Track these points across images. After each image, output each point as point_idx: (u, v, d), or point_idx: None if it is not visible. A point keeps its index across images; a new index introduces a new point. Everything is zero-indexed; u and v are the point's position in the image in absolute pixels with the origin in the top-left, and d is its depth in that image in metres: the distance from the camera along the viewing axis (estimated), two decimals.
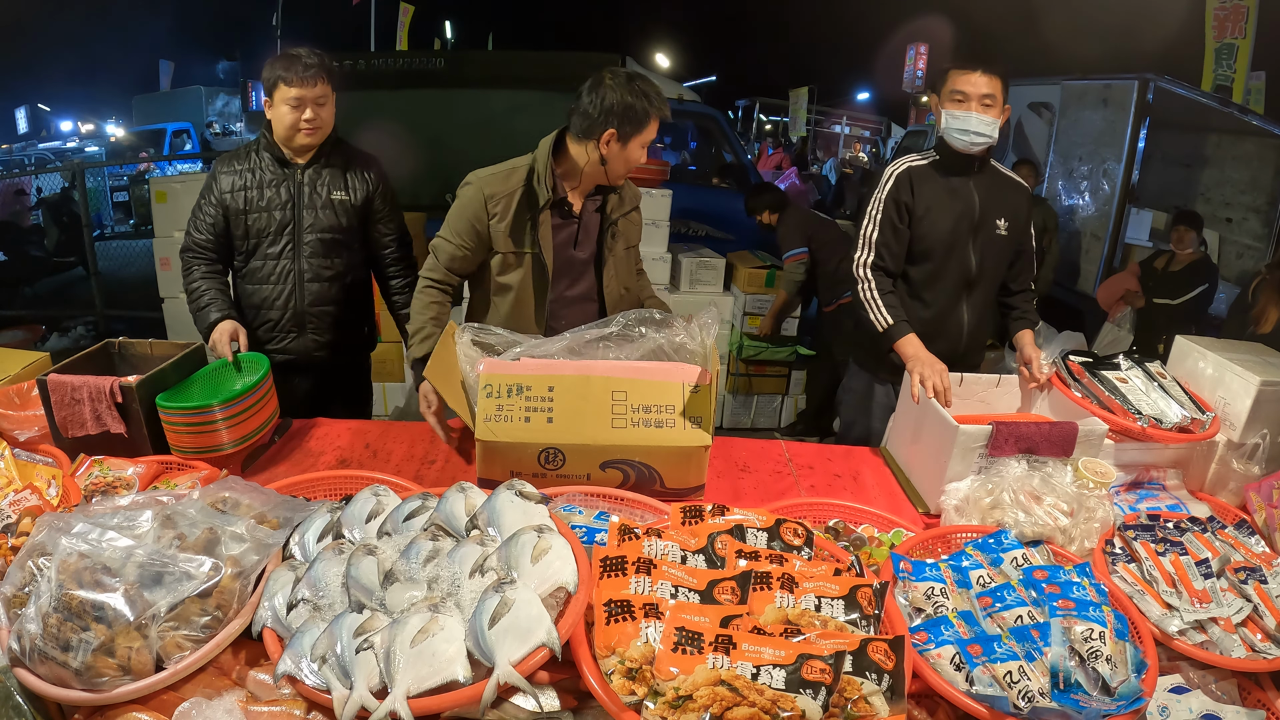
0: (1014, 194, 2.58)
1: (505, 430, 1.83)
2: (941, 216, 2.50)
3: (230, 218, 2.51)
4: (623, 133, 2.18)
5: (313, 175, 2.54)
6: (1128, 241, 6.41)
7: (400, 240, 2.74)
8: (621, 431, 1.85)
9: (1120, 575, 1.68)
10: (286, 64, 2.40)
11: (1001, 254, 2.57)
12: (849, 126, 22.41)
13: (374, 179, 2.63)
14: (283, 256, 2.56)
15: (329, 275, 2.61)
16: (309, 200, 2.53)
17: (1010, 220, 2.54)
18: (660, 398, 1.87)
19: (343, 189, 2.57)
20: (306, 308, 2.61)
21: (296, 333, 2.63)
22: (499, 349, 2.06)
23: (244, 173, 2.51)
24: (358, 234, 2.64)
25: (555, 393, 1.87)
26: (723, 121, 7.90)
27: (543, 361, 1.94)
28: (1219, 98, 7.02)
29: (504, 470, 1.88)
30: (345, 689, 1.21)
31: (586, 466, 1.87)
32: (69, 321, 6.86)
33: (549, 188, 2.25)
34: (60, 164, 12.42)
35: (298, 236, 2.54)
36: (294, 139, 2.48)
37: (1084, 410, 2.11)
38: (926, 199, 2.51)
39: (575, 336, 2.01)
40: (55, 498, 1.70)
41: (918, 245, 2.55)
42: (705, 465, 1.92)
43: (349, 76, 6.06)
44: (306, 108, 2.44)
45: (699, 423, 1.87)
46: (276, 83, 2.41)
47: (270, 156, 2.53)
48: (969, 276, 2.56)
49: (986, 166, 2.54)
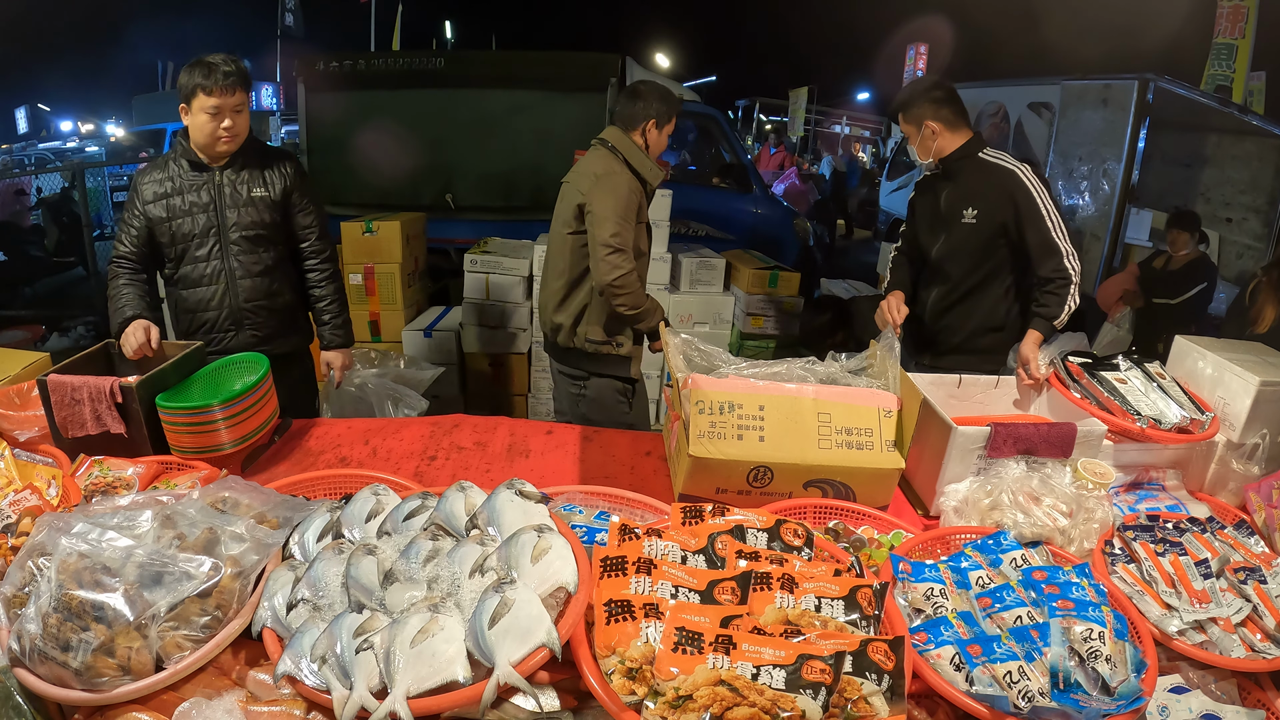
0: (992, 180, 2.69)
1: (719, 448, 1.88)
2: (921, 217, 2.98)
3: (155, 226, 2.55)
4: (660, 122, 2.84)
5: (231, 175, 2.58)
6: (1127, 241, 6.41)
7: (320, 232, 2.79)
8: (827, 452, 1.92)
9: (1120, 576, 1.68)
10: (205, 72, 2.39)
11: (968, 243, 2.79)
12: (849, 126, 22.41)
13: (290, 173, 2.68)
14: (212, 258, 2.60)
15: (259, 270, 2.66)
16: (230, 200, 2.58)
17: (980, 208, 2.72)
18: (860, 420, 1.95)
19: (262, 185, 2.61)
20: (242, 304, 2.66)
21: (235, 330, 2.69)
22: (699, 362, 2.12)
23: (164, 181, 2.55)
24: (281, 228, 2.70)
25: (766, 412, 1.93)
26: (723, 121, 7.89)
27: (747, 381, 1.99)
28: (1219, 98, 7.03)
29: (710, 486, 1.93)
30: (345, 689, 1.21)
31: (791, 484, 1.93)
32: (69, 321, 6.85)
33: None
34: (60, 164, 12.41)
35: (224, 236, 2.59)
36: (214, 147, 2.51)
37: (1083, 411, 2.11)
38: (917, 203, 3.02)
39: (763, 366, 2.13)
40: (55, 498, 1.70)
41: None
42: (894, 486, 2.01)
43: (350, 77, 6.10)
44: (225, 116, 2.45)
45: (894, 446, 1.95)
46: (195, 91, 2.41)
47: (188, 163, 2.55)
48: (932, 267, 2.94)
49: (967, 161, 2.76)
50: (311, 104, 6.18)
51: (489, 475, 2.14)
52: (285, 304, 2.76)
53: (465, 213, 6.05)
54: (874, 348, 2.13)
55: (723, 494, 1.93)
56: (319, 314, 2.81)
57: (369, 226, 4.68)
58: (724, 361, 2.10)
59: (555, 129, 5.84)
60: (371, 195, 5.91)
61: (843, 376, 2.08)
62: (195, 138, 2.50)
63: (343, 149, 6.01)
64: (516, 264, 4.62)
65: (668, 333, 2.17)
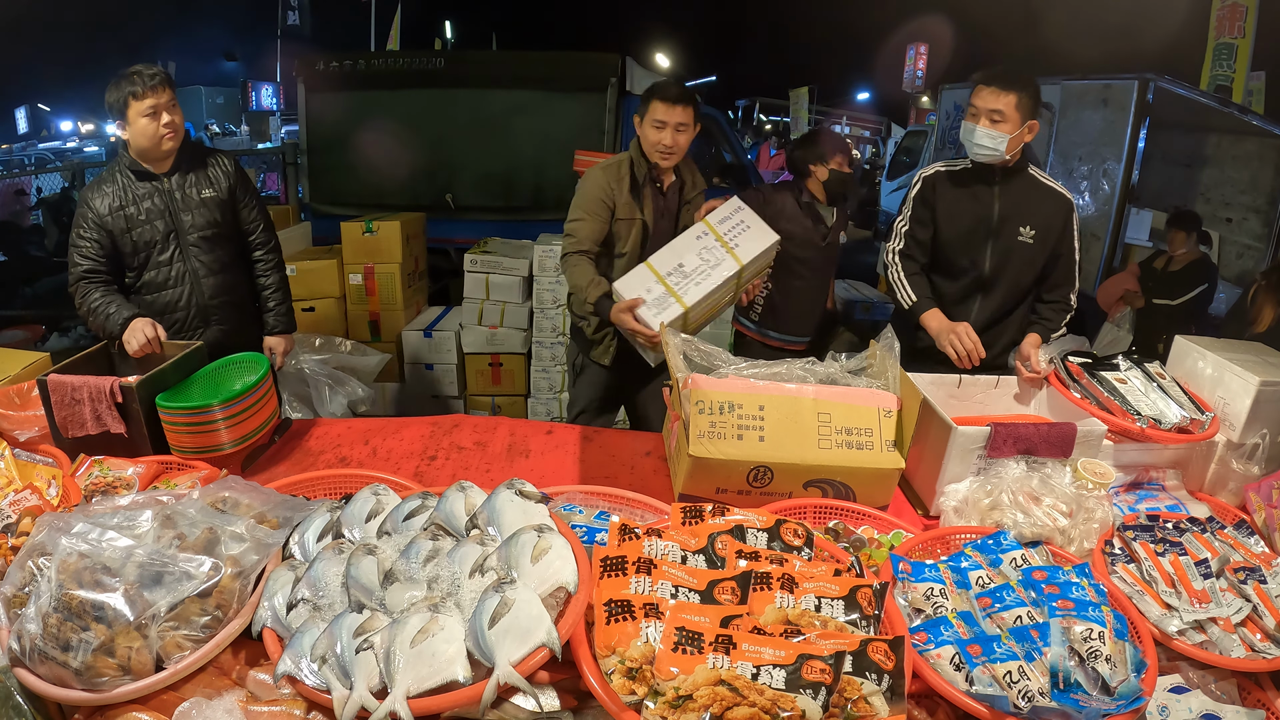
0: (1049, 203, 2.62)
1: (719, 448, 1.88)
2: (959, 219, 2.66)
3: (116, 237, 2.61)
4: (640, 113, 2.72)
5: (179, 180, 2.67)
6: (1127, 241, 6.40)
7: (265, 224, 2.91)
8: (827, 452, 1.92)
9: (1119, 575, 1.68)
10: (131, 80, 2.48)
11: (1024, 261, 2.64)
12: (849, 126, 22.42)
13: (232, 170, 2.79)
14: (174, 261, 2.70)
15: (219, 268, 2.78)
16: (183, 203, 2.68)
17: (1038, 228, 2.60)
18: (860, 420, 1.95)
19: (210, 186, 2.73)
20: (208, 301, 2.77)
21: (203, 327, 2.79)
22: (699, 362, 2.12)
23: (115, 194, 2.61)
24: (233, 224, 2.82)
25: (766, 412, 1.93)
26: (723, 121, 7.90)
27: (747, 381, 1.99)
28: (1219, 98, 7.02)
29: (710, 486, 1.93)
30: (345, 689, 1.21)
31: (791, 484, 1.93)
32: (69, 322, 6.82)
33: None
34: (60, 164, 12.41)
35: (183, 239, 2.70)
36: (158, 147, 2.57)
37: (1083, 411, 2.11)
38: (947, 202, 2.68)
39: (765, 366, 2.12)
40: (55, 498, 1.70)
41: (935, 245, 2.73)
42: (894, 486, 2.01)
43: (350, 77, 6.10)
44: (162, 113, 2.53)
45: (894, 446, 1.95)
46: (127, 99, 2.49)
47: (134, 174, 2.62)
48: (981, 279, 2.68)
49: (1019, 175, 2.62)
50: (311, 104, 6.19)
51: (489, 475, 2.14)
52: (244, 296, 2.89)
53: (465, 213, 6.05)
54: (874, 347, 2.13)
55: (723, 494, 1.93)
56: (265, 301, 2.94)
57: (369, 226, 4.68)
58: (724, 361, 2.11)
59: (555, 129, 5.84)
60: (371, 195, 5.92)
61: (842, 376, 2.08)
62: (138, 143, 2.56)
63: (343, 149, 6.02)
64: (516, 264, 4.62)
65: (668, 332, 2.17)
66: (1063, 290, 2.67)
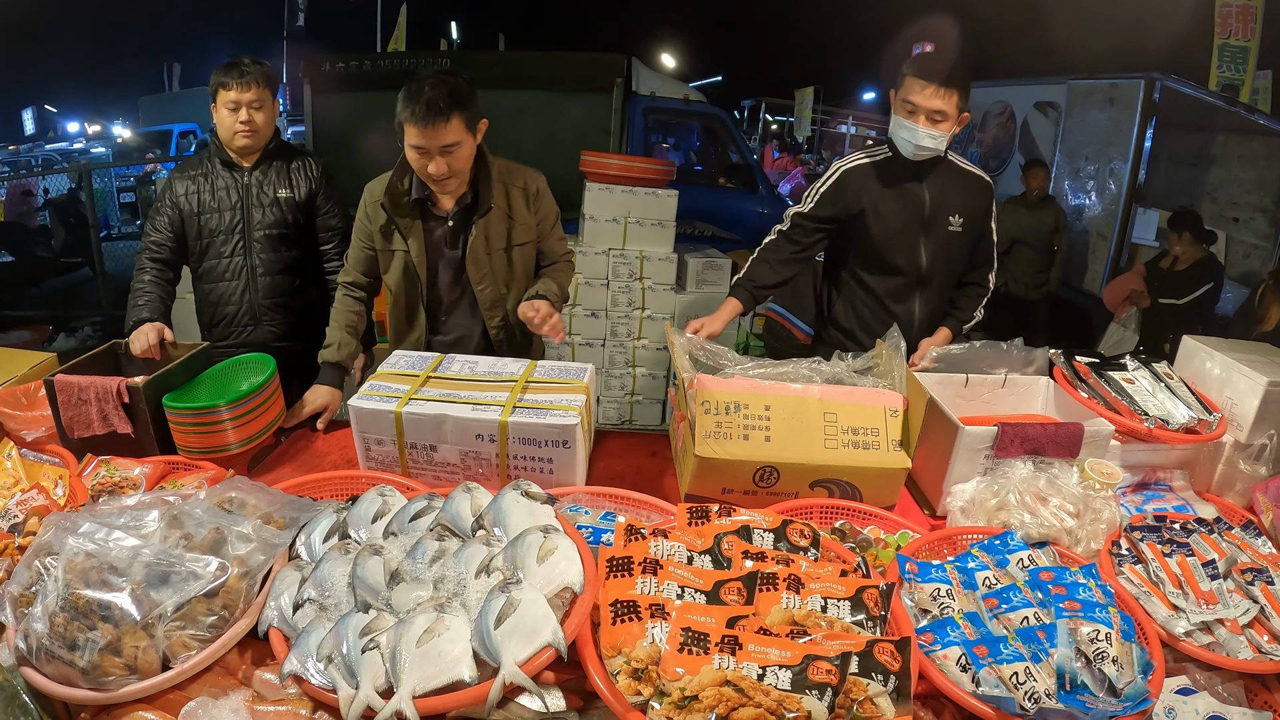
0: (972, 188, 2.60)
1: (725, 448, 1.87)
2: (891, 218, 2.55)
3: (185, 219, 2.68)
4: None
5: (259, 176, 2.72)
6: (1134, 241, 6.39)
7: (342, 235, 2.83)
8: (833, 452, 1.91)
9: (1126, 576, 1.67)
10: (226, 70, 2.58)
11: (955, 250, 2.62)
12: (855, 126, 22.37)
13: (317, 176, 2.79)
14: (235, 254, 2.74)
15: (279, 269, 2.79)
16: (256, 199, 2.70)
17: (965, 216, 2.58)
18: (866, 420, 1.95)
19: (287, 187, 2.74)
20: (260, 300, 2.79)
21: (253, 325, 2.82)
22: (705, 363, 2.13)
23: (197, 178, 2.68)
24: (305, 229, 2.81)
25: (772, 412, 1.93)
26: (729, 121, 7.89)
27: (753, 381, 1.99)
28: (1225, 97, 6.99)
29: (716, 486, 1.93)
30: (351, 689, 1.21)
31: (797, 484, 1.93)
32: (76, 322, 6.88)
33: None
34: (67, 165, 12.47)
35: (248, 234, 2.72)
36: (233, 141, 2.64)
37: (1090, 411, 2.10)
38: (872, 197, 2.55)
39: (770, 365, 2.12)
40: (62, 497, 1.71)
41: (866, 244, 2.61)
42: (901, 486, 2.01)
43: (356, 77, 6.11)
44: (242, 110, 2.61)
45: (900, 446, 1.95)
46: (218, 88, 2.59)
47: (220, 161, 2.71)
48: (920, 274, 2.62)
49: (941, 163, 2.56)
50: (317, 105, 6.21)
51: None
52: (306, 302, 2.86)
53: None
54: (880, 347, 2.13)
55: (729, 494, 1.93)
56: None
57: None
58: (730, 361, 2.11)
59: (561, 129, 5.85)
60: None
61: (848, 376, 2.08)
62: (220, 133, 2.66)
63: (349, 150, 6.02)
64: None
65: (673, 332, 2.17)
66: (982, 271, 2.68)
